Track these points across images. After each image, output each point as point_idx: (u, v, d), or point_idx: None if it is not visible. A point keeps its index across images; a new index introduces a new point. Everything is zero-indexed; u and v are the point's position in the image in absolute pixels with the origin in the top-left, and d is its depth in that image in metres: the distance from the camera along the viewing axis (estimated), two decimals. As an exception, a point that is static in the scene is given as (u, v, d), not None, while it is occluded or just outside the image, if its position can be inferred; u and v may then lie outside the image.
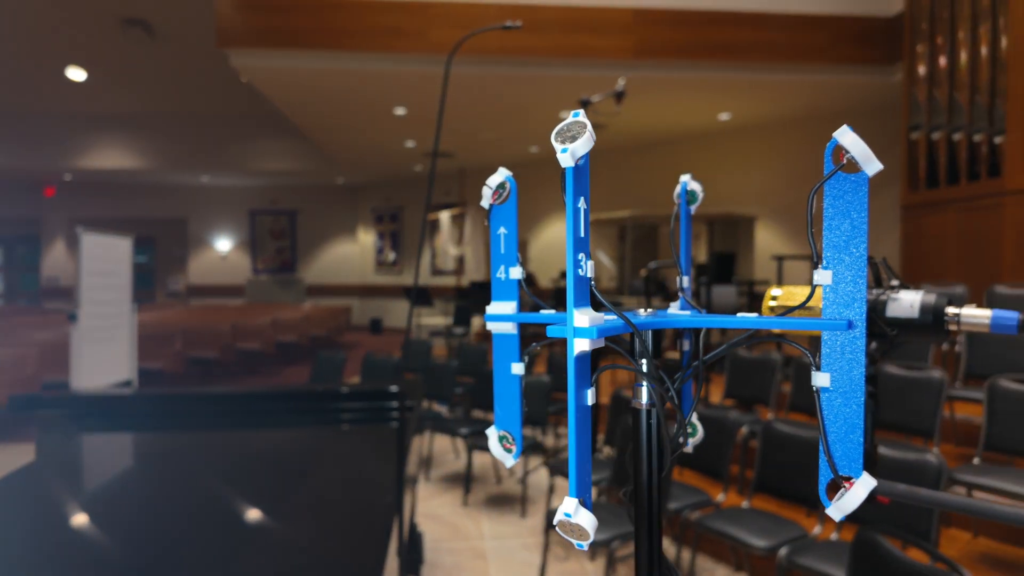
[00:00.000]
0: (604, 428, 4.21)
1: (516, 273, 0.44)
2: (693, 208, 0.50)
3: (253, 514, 1.44)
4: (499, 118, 8.31)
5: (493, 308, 0.45)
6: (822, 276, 0.36)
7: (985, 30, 5.06)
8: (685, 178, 0.49)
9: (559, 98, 7.42)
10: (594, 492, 3.98)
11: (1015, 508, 0.60)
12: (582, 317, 0.34)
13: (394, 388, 2.19)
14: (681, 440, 0.43)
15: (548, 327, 0.37)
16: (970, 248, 5.16)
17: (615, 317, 0.35)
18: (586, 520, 0.34)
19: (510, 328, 0.44)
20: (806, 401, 3.72)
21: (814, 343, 0.45)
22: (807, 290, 0.59)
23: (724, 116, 8.37)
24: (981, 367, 3.63)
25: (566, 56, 6.30)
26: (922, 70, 5.66)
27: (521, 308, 0.43)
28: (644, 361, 0.38)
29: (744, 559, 3.12)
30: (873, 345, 0.52)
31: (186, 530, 1.36)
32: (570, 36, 6.27)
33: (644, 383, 0.39)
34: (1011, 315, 0.52)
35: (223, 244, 14.59)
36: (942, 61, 5.46)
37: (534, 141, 9.87)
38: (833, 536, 2.54)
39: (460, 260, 11.11)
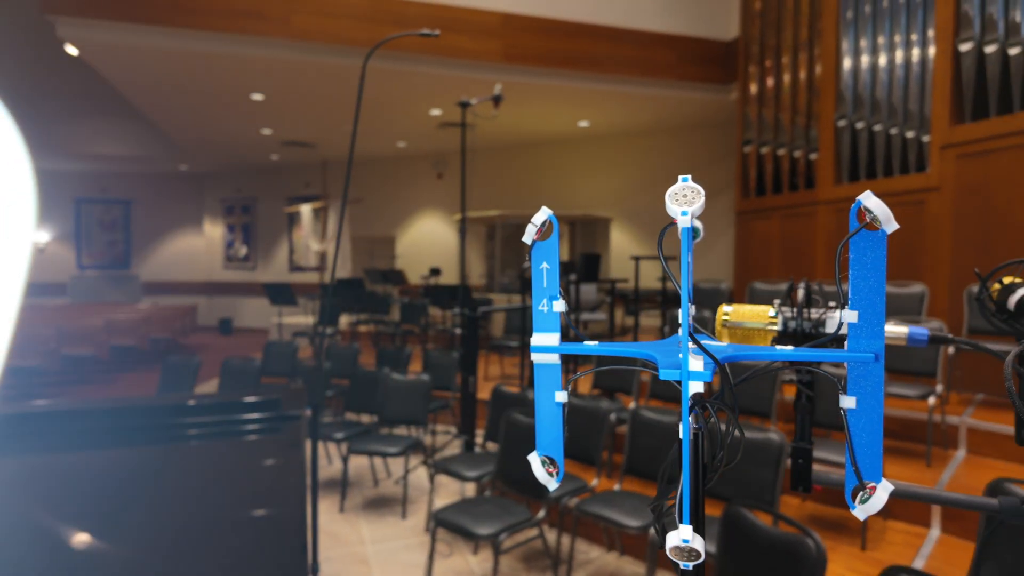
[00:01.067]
0: (484, 424, 4.29)
1: (559, 307, 0.47)
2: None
3: (137, 546, 1.32)
4: (365, 111, 8.08)
5: (537, 340, 0.48)
6: (849, 315, 0.43)
7: (804, 58, 5.78)
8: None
9: (427, 95, 7.39)
10: (474, 487, 4.05)
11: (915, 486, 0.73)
12: (696, 361, 0.38)
13: (275, 396, 2.09)
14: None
15: (661, 370, 0.40)
16: (790, 250, 5.92)
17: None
18: (700, 544, 0.39)
19: (553, 359, 0.47)
20: (664, 390, 4.08)
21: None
22: (754, 308, 0.69)
23: (583, 123, 8.82)
24: (806, 354, 4.19)
25: (435, 54, 6.29)
26: (753, 90, 6.37)
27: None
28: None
29: (616, 539, 3.35)
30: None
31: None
32: (440, 35, 6.26)
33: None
34: (922, 331, 0.66)
35: (40, 235, 12.74)
36: (769, 83, 6.18)
37: (402, 136, 9.71)
38: (696, 512, 2.82)
39: (322, 256, 10.65)
